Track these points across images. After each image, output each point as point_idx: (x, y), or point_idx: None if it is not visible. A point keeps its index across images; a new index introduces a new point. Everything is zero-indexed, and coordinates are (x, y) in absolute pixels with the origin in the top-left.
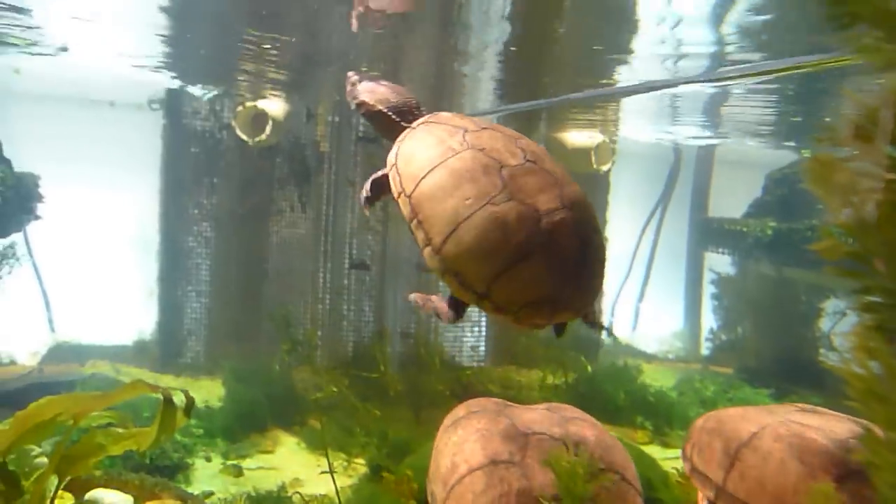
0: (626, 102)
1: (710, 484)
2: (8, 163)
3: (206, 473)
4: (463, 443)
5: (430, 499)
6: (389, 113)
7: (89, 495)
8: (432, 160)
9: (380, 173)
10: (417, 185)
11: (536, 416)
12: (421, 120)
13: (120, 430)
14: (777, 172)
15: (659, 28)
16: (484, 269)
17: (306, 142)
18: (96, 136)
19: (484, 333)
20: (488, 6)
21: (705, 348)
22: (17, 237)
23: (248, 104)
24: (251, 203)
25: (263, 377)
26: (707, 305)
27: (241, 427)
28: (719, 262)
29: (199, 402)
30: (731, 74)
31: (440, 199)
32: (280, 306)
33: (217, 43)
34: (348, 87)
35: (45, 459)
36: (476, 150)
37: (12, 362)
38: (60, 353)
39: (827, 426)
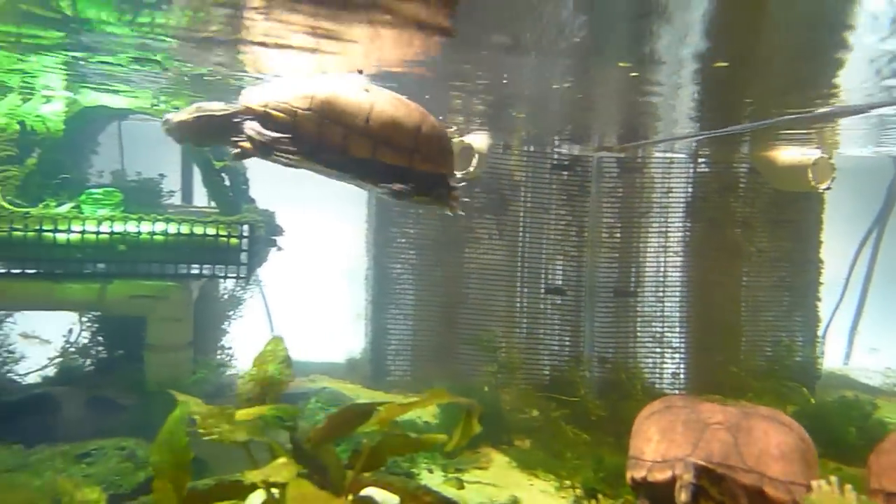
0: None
1: None
2: (253, 201)
3: (431, 484)
4: (650, 426)
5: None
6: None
7: (364, 492)
8: None
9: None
10: None
11: (718, 409)
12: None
13: (412, 435)
14: None
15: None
16: None
17: (502, 171)
18: (306, 173)
19: (685, 360)
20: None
21: None
22: None
23: (456, 139)
24: (451, 231)
25: (474, 397)
26: None
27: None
28: None
29: (415, 418)
30: None
31: None
32: (485, 331)
33: (432, 83)
34: None
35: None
36: None
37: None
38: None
39: None
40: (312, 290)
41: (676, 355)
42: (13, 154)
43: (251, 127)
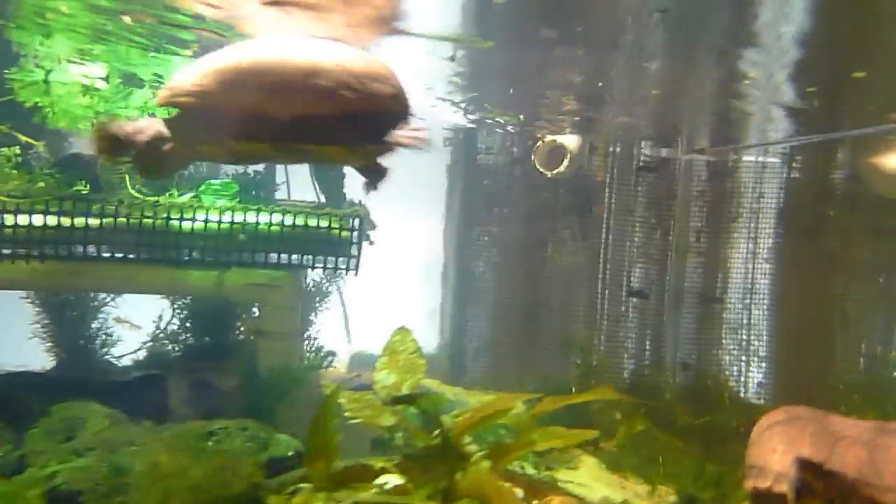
0: None
1: None
2: (343, 196)
3: None
4: (774, 436)
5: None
6: None
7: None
8: None
9: None
10: None
11: (850, 423)
12: None
13: (561, 429)
14: None
15: None
16: None
17: (587, 172)
18: (395, 173)
19: (772, 370)
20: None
21: None
22: None
23: (548, 138)
24: (534, 232)
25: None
26: None
27: None
28: None
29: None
30: None
31: None
32: (573, 333)
33: (521, 86)
34: None
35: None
36: None
37: (333, 367)
38: (359, 361)
39: None
40: (386, 286)
41: (763, 365)
42: None
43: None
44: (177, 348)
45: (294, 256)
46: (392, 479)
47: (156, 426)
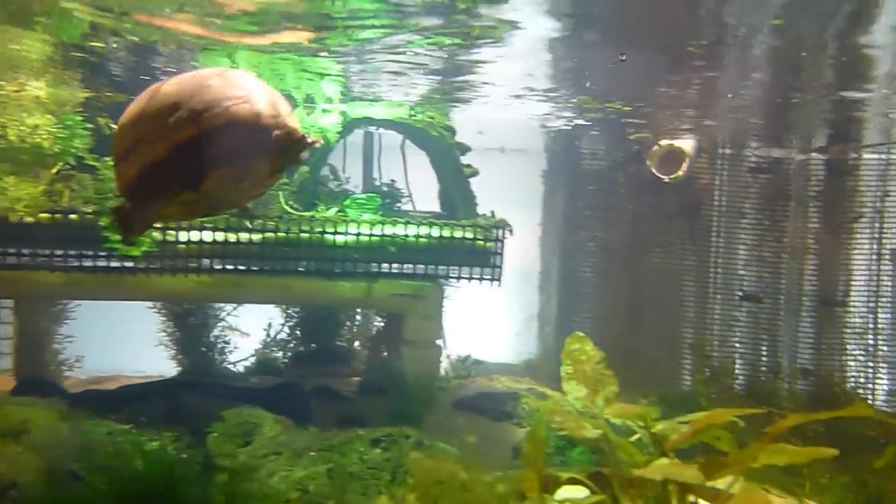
0: None
1: None
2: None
3: None
4: None
5: None
6: None
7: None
8: None
9: None
10: None
11: None
12: None
13: (778, 445)
14: None
15: None
16: None
17: (696, 174)
18: (487, 178)
19: None
20: None
21: None
22: None
23: (664, 142)
24: (641, 236)
25: (691, 405)
26: None
27: None
28: None
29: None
30: None
31: None
32: (691, 337)
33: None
34: None
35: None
36: None
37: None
38: (461, 367)
39: None
40: (483, 291)
41: (894, 370)
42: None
43: None
44: (289, 355)
45: (439, 267)
46: (577, 492)
47: (321, 433)
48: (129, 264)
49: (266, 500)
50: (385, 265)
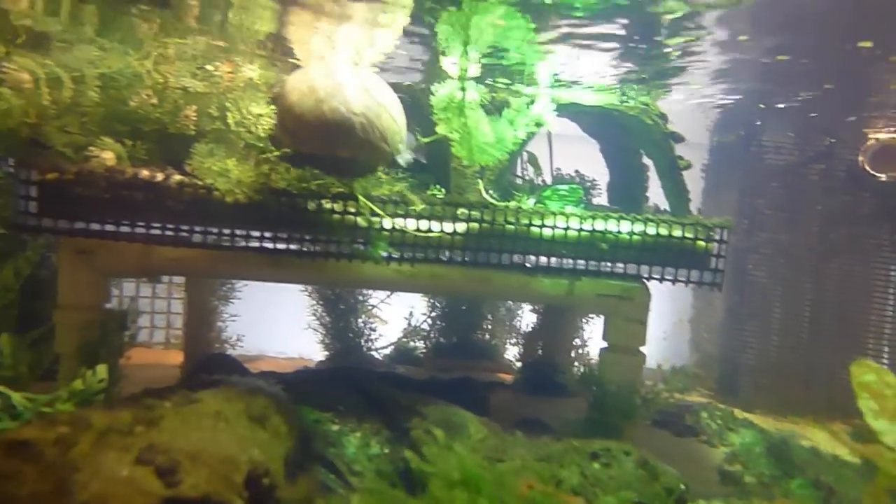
0: None
1: None
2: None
3: None
4: None
5: None
6: None
7: None
8: None
9: None
10: None
11: None
12: None
13: None
14: None
15: None
16: None
17: None
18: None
19: None
20: None
21: None
22: None
23: (883, 136)
24: (830, 240)
25: None
26: None
27: None
28: None
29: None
30: None
31: None
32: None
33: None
34: None
35: None
36: None
37: None
38: (673, 379)
39: None
40: None
41: None
42: None
43: None
44: (428, 345)
45: (654, 268)
46: None
47: (527, 439)
48: (345, 251)
49: None
50: (592, 263)
